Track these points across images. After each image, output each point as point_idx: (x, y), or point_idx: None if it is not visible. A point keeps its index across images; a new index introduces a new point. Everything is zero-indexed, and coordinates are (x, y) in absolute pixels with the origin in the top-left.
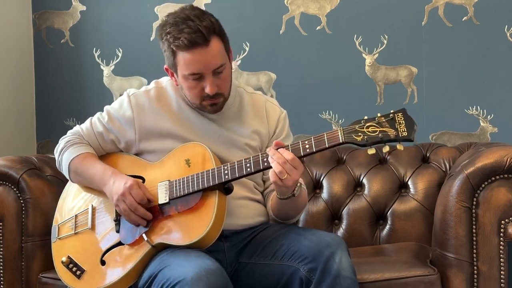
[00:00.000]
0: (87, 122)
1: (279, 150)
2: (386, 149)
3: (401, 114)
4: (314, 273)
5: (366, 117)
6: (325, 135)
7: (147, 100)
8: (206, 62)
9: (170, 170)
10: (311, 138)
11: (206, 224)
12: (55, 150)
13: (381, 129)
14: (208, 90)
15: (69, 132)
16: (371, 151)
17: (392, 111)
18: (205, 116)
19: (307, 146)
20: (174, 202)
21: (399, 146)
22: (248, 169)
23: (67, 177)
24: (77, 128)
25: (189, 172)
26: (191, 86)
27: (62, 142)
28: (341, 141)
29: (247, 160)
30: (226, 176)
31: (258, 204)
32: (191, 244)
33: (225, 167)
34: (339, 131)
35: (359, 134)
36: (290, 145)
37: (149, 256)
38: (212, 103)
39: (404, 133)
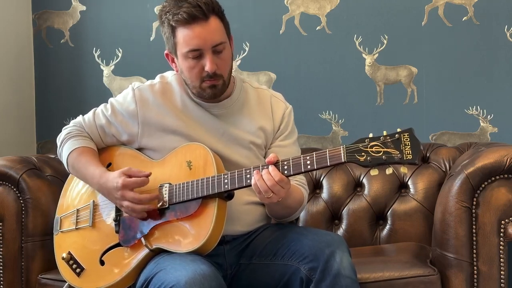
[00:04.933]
0: (90, 113)
1: (269, 169)
2: (389, 171)
3: (407, 135)
4: (314, 273)
5: (371, 135)
6: (327, 152)
7: (152, 95)
8: (205, 37)
9: (170, 171)
10: (313, 154)
11: (204, 234)
12: (57, 139)
13: (386, 149)
14: (208, 67)
15: (72, 122)
16: (374, 172)
17: (398, 130)
18: (210, 112)
19: (308, 162)
20: (173, 207)
21: (403, 169)
22: (248, 181)
23: (67, 170)
24: (79, 118)
25: (189, 175)
26: (191, 65)
27: (63, 132)
28: (343, 160)
29: (247, 171)
30: (226, 186)
31: (262, 208)
32: (188, 252)
33: (225, 176)
34: (341, 149)
35: (362, 154)
36: (292, 159)
37: (147, 259)
38: (212, 85)
39: (409, 156)
